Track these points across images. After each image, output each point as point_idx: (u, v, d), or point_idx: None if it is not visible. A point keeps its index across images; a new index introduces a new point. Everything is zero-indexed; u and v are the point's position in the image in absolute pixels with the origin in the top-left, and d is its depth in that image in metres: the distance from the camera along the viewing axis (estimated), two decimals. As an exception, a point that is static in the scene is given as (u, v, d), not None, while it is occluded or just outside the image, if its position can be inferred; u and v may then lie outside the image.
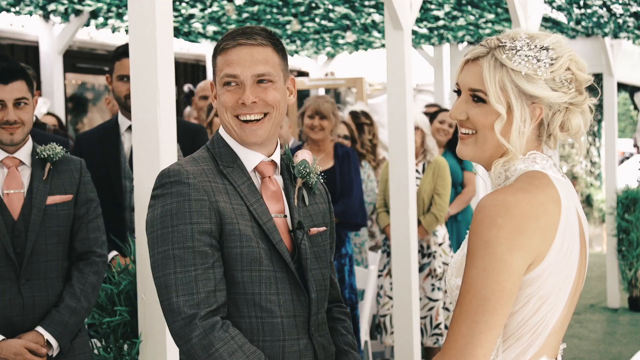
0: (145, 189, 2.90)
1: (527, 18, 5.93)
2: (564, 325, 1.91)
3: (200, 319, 2.01)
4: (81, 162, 3.30)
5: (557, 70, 1.86)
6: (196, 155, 2.23)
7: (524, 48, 1.87)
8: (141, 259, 2.97)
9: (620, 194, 8.58)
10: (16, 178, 3.13)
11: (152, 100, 2.86)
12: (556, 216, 1.82)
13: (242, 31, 2.22)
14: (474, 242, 1.79)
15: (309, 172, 2.31)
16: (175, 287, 2.03)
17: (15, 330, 3.06)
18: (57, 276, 3.16)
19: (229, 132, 2.24)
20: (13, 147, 3.14)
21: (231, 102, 2.21)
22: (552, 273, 1.81)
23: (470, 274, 1.78)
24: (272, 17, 7.58)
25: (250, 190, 2.18)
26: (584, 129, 1.94)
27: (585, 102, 1.91)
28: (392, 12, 4.34)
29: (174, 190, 2.09)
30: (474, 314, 1.76)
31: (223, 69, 2.21)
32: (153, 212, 2.12)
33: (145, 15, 2.86)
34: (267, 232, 2.15)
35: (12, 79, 3.09)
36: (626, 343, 7.28)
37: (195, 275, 2.04)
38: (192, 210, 2.07)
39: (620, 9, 7.17)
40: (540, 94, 1.86)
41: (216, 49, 2.25)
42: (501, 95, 1.87)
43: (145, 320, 2.95)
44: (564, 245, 1.83)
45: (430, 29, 8.46)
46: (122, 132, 4.03)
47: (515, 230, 1.75)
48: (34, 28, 7.15)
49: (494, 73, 1.87)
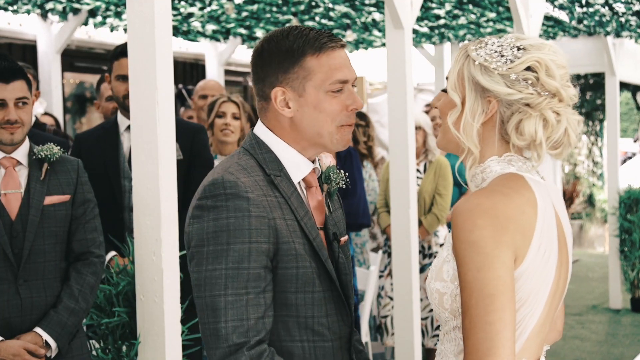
0: (144, 188, 2.89)
1: (529, 17, 5.90)
2: (544, 328, 1.88)
3: (248, 348, 1.87)
4: (78, 162, 3.29)
5: (515, 67, 1.84)
6: (243, 163, 2.03)
7: (494, 44, 1.88)
8: (140, 259, 2.95)
9: (623, 194, 8.54)
10: (14, 178, 3.12)
11: (150, 100, 2.84)
12: (533, 218, 1.80)
13: (320, 31, 2.05)
14: (460, 247, 1.76)
15: (338, 177, 2.18)
16: (224, 310, 1.87)
17: (13, 331, 3.05)
18: (55, 277, 3.15)
19: (316, 140, 2.05)
20: (10, 147, 3.13)
21: (338, 108, 2.04)
22: (529, 276, 1.79)
23: (466, 279, 1.74)
24: (272, 16, 7.56)
25: (298, 202, 2.03)
26: (541, 138, 1.86)
27: (546, 106, 1.85)
28: (392, 11, 4.31)
29: (230, 204, 1.91)
30: (485, 315, 1.71)
31: (332, 74, 2.01)
32: (202, 224, 1.93)
33: (144, 14, 2.83)
34: (316, 249, 2.01)
35: (13, 78, 3.09)
36: (628, 344, 7.27)
37: (247, 299, 1.88)
38: (252, 228, 1.90)
39: (622, 7, 7.15)
40: (491, 87, 1.85)
41: (303, 50, 2.02)
42: (458, 84, 1.89)
43: (144, 321, 2.93)
44: (542, 247, 1.81)
45: (431, 28, 8.44)
46: (122, 131, 4.03)
47: (498, 229, 1.74)
48: (32, 27, 7.12)
49: (457, 63, 1.91)
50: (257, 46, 2.10)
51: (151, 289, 2.89)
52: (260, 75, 2.09)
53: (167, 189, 2.88)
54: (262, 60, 2.08)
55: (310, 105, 2.03)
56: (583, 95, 15.07)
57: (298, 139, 2.07)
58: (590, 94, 14.97)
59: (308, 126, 2.05)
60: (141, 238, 2.93)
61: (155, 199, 2.86)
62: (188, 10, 7.10)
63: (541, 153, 1.89)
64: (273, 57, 2.05)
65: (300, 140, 2.07)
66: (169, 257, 2.90)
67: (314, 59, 2.02)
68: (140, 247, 2.93)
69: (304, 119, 2.04)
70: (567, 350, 7.10)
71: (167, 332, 2.88)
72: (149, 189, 2.88)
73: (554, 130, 1.86)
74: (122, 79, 3.93)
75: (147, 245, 2.90)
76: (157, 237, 2.88)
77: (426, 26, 8.28)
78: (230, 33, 8.45)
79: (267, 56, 2.07)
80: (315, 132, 2.05)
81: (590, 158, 15.42)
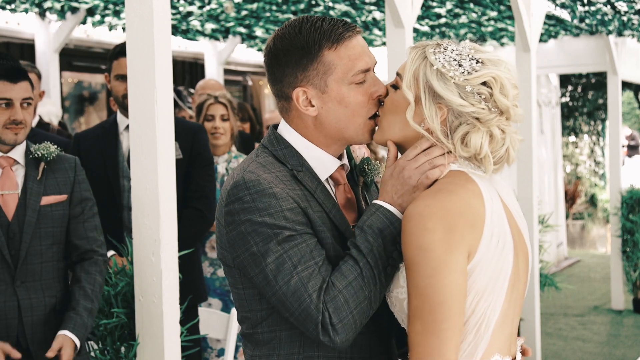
0: (143, 188, 2.88)
1: (530, 15, 5.87)
2: (508, 320, 1.90)
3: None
4: (75, 160, 3.26)
5: (472, 80, 1.86)
6: (261, 161, 1.97)
7: (453, 52, 1.89)
8: (138, 259, 2.94)
9: (625, 194, 8.51)
10: (10, 178, 3.09)
11: (149, 99, 2.83)
12: (480, 209, 1.83)
13: (334, 20, 1.96)
14: (410, 252, 1.78)
15: (373, 169, 2.12)
16: (304, 287, 1.82)
17: (11, 332, 3.01)
18: (53, 277, 3.12)
19: (343, 134, 1.98)
20: (7, 146, 3.10)
21: (364, 99, 1.96)
22: (484, 266, 1.82)
23: (418, 285, 1.77)
24: (272, 15, 7.53)
25: (324, 194, 1.97)
26: (487, 152, 1.88)
27: (494, 123, 1.88)
28: (393, 10, 4.29)
29: (259, 204, 1.86)
30: (438, 323, 1.76)
31: (353, 65, 1.93)
32: (238, 228, 1.88)
33: (143, 13, 2.82)
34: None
35: (20, 79, 3.08)
36: (630, 345, 7.25)
37: (318, 267, 1.85)
38: (289, 220, 1.86)
39: (624, 6, 7.12)
40: (445, 94, 1.86)
41: (319, 44, 1.93)
42: (412, 83, 1.90)
43: (142, 322, 2.92)
44: (494, 237, 1.83)
45: (432, 27, 8.40)
46: (121, 130, 4.05)
47: (447, 230, 1.76)
48: (30, 26, 7.08)
49: (414, 62, 1.91)
50: (269, 45, 2.02)
51: (150, 290, 2.88)
52: (277, 76, 2.00)
53: (166, 189, 2.87)
54: (277, 60, 1.99)
55: (334, 100, 1.96)
56: (585, 94, 15.03)
57: (323, 136, 2.01)
58: (592, 94, 14.93)
59: (334, 122, 1.98)
60: (140, 238, 2.92)
61: (154, 199, 2.85)
62: (187, 9, 7.08)
63: (488, 166, 1.90)
64: (289, 56, 1.96)
65: (325, 137, 2.01)
66: (168, 258, 2.88)
67: (332, 52, 1.94)
68: (139, 247, 2.92)
69: (329, 115, 1.97)
70: (569, 351, 7.07)
71: (166, 333, 2.87)
72: (148, 189, 2.87)
73: (497, 146, 1.90)
74: (121, 79, 3.92)
75: (146, 245, 2.89)
76: (156, 237, 2.87)
77: (427, 25, 8.24)
78: (229, 32, 8.42)
79: (282, 55, 1.97)
80: (342, 127, 1.98)
81: (592, 158, 15.38)
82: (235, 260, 1.94)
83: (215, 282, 4.73)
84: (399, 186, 1.93)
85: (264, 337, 1.98)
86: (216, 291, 4.73)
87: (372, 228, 1.89)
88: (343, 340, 1.85)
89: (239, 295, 2.00)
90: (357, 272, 1.85)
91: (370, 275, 1.86)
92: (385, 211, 1.92)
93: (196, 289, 4.10)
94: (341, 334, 1.83)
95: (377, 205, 1.94)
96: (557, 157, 11.83)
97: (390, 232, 1.90)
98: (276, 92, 2.03)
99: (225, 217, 1.92)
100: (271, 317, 1.96)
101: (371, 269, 1.86)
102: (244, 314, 2.02)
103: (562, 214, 11.92)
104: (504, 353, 1.89)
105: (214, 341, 4.67)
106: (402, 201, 1.92)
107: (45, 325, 3.07)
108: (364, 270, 1.85)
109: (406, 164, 1.93)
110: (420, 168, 1.91)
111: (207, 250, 4.71)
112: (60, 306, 3.13)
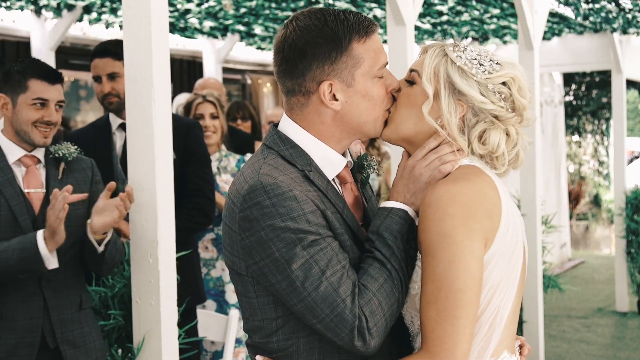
0: (140, 189, 2.88)
1: (534, 13, 5.84)
2: (515, 318, 1.92)
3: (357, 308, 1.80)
4: (91, 161, 3.30)
5: (493, 79, 1.91)
6: (272, 162, 1.90)
7: (473, 51, 1.94)
8: (136, 261, 2.94)
9: (629, 195, 8.48)
10: (36, 177, 3.12)
11: (147, 98, 2.83)
12: (497, 201, 1.85)
13: (356, 13, 1.93)
14: (429, 238, 1.79)
15: (370, 164, 2.09)
16: (335, 292, 1.78)
17: (36, 332, 2.99)
18: (75, 276, 3.13)
19: (361, 129, 1.95)
20: (31, 146, 3.12)
21: (384, 92, 1.95)
22: (500, 258, 1.83)
23: (436, 271, 1.77)
24: (271, 12, 7.49)
25: (335, 194, 1.92)
26: (504, 150, 1.93)
27: (512, 122, 1.93)
28: (394, 8, 4.28)
29: (281, 210, 1.79)
30: (454, 310, 1.75)
31: (378, 58, 1.92)
32: (258, 234, 1.81)
33: (140, 11, 2.83)
34: (362, 241, 1.92)
35: (57, 81, 3.13)
36: (635, 347, 7.23)
37: (344, 271, 1.81)
38: (312, 224, 1.81)
39: (629, 3, 7.11)
40: (467, 91, 1.90)
41: (350, 36, 1.89)
42: (432, 78, 1.92)
43: (140, 324, 2.93)
44: (510, 229, 1.86)
45: (434, 25, 8.38)
46: (113, 130, 4.03)
47: (467, 215, 1.78)
48: (26, 23, 7.04)
49: (434, 58, 1.94)
50: (290, 38, 1.91)
51: (147, 292, 2.90)
52: (299, 70, 1.91)
53: (164, 190, 2.87)
54: (302, 54, 1.90)
55: (359, 94, 1.92)
56: (589, 93, 14.98)
57: (339, 132, 1.95)
58: (596, 92, 14.87)
59: (356, 116, 1.94)
60: (137, 240, 2.93)
61: (152, 200, 2.85)
62: (185, 7, 7.05)
63: (502, 165, 1.94)
64: (317, 48, 1.88)
65: (342, 132, 1.96)
66: (166, 259, 2.88)
67: (361, 45, 1.90)
68: (136, 249, 2.93)
69: (352, 109, 1.93)
70: (573, 354, 7.03)
71: (163, 335, 2.88)
72: (145, 190, 2.88)
73: (511, 146, 1.95)
74: (97, 80, 3.92)
75: (143, 247, 2.90)
76: (154, 238, 2.87)
77: (428, 23, 8.22)
78: (228, 30, 8.37)
79: (308, 48, 1.89)
80: (363, 121, 1.94)
81: (596, 157, 15.32)
82: (251, 268, 1.86)
83: (209, 282, 4.68)
84: (410, 185, 1.94)
85: (280, 345, 1.91)
86: (210, 292, 4.68)
87: (390, 231, 1.88)
88: (377, 345, 1.81)
89: (251, 304, 1.92)
90: (386, 274, 1.84)
91: (397, 277, 1.85)
92: (399, 211, 1.91)
93: (194, 290, 4.05)
94: (375, 337, 1.80)
95: (390, 206, 1.92)
96: (560, 157, 11.78)
97: (406, 231, 1.90)
98: (293, 87, 1.94)
99: (240, 223, 1.84)
100: (287, 324, 1.89)
101: (396, 271, 1.86)
102: (256, 323, 1.93)
103: (565, 214, 11.88)
104: (511, 350, 1.90)
105: (209, 343, 4.63)
106: (415, 199, 1.93)
107: (74, 324, 3.07)
108: (392, 272, 1.85)
109: (416, 163, 1.95)
110: (431, 165, 1.93)
111: (200, 250, 4.64)
112: (85, 305, 3.13)
